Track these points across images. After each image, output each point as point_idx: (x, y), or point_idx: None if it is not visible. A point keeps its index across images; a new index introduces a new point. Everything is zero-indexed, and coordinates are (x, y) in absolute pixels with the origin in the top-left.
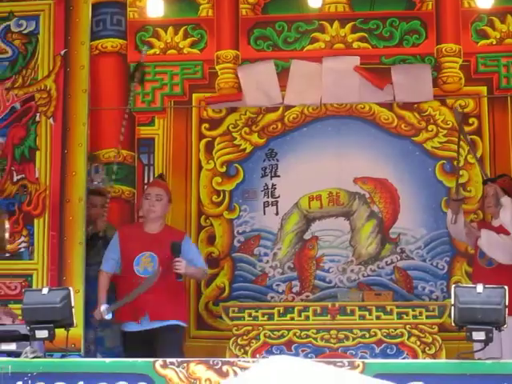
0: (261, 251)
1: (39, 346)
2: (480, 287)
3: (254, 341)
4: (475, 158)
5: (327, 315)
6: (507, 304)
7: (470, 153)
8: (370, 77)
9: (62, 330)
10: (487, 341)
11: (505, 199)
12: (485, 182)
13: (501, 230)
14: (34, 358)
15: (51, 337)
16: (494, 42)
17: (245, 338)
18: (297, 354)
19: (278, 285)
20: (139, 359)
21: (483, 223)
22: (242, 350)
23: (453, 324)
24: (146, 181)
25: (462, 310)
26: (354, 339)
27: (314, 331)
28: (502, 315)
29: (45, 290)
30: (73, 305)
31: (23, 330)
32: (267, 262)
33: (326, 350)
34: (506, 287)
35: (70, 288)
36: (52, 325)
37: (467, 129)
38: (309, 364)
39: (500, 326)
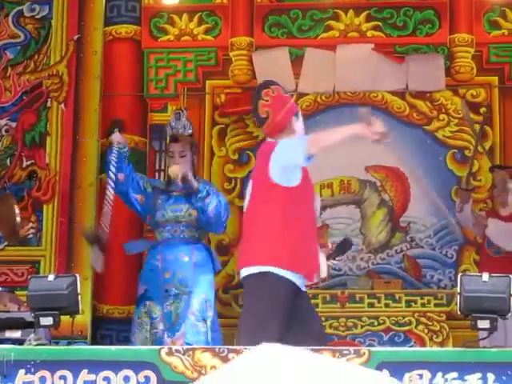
0: None
1: (45, 334)
2: (486, 276)
3: None
4: (481, 147)
5: (336, 303)
6: None
7: (478, 142)
8: (387, 54)
9: (68, 317)
10: (492, 329)
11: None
12: (491, 170)
13: (509, 219)
14: (37, 345)
15: (56, 324)
16: (506, 33)
17: None
18: None
19: None
20: (144, 347)
21: (492, 212)
22: None
23: (459, 312)
24: (157, 167)
25: (468, 299)
26: (362, 327)
27: (323, 319)
28: (507, 304)
29: (51, 277)
30: (79, 292)
31: (29, 317)
32: None
33: (335, 338)
34: None
35: (77, 275)
36: (57, 312)
37: (477, 118)
38: (297, 353)
39: (505, 314)
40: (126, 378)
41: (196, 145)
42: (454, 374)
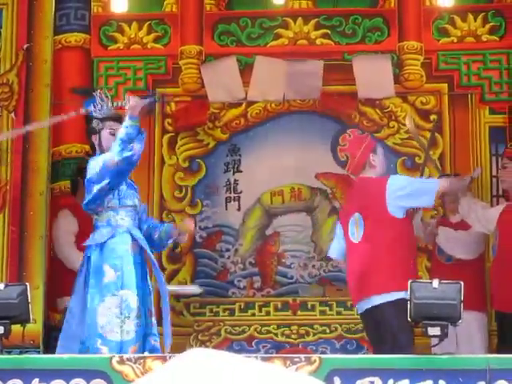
0: (222, 247)
1: None
2: (436, 282)
3: (214, 336)
4: (427, 156)
5: (288, 310)
6: (463, 299)
7: (428, 149)
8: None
9: (19, 326)
10: (442, 336)
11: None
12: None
13: (459, 225)
14: None
15: (7, 333)
16: (455, 40)
17: (206, 333)
18: (258, 350)
19: (239, 280)
20: (96, 355)
21: (442, 220)
22: (203, 346)
23: (409, 319)
24: None
25: (418, 306)
26: (314, 334)
27: (275, 327)
28: (458, 310)
29: (1, 286)
30: (29, 301)
31: None
32: (229, 257)
33: (287, 346)
34: (462, 283)
35: (27, 284)
36: (8, 321)
37: (427, 126)
38: (228, 358)
39: (455, 321)
40: None
41: None
42: (406, 381)
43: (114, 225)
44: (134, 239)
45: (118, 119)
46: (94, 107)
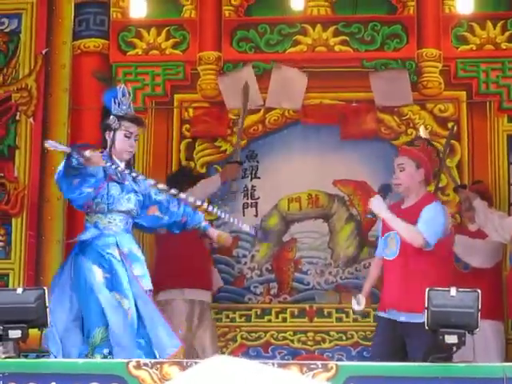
0: (239, 253)
1: (13, 347)
2: (453, 291)
3: (231, 342)
4: (443, 166)
5: (304, 317)
6: (480, 308)
7: (445, 157)
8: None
9: (37, 330)
10: (459, 344)
11: (477, 202)
12: (456, 189)
13: (477, 234)
14: (5, 358)
15: (24, 337)
16: (474, 48)
17: (222, 339)
18: (274, 356)
19: (255, 287)
20: (112, 360)
21: (459, 228)
22: (219, 352)
23: (426, 327)
24: None
25: (436, 314)
26: (330, 341)
27: (291, 333)
28: (475, 319)
29: (19, 290)
30: (47, 305)
31: None
32: (245, 263)
33: (303, 352)
34: (479, 291)
35: (45, 288)
36: (25, 325)
37: (445, 133)
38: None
39: (472, 329)
40: None
41: None
42: None
43: (101, 227)
44: (118, 247)
45: (136, 121)
46: (114, 102)
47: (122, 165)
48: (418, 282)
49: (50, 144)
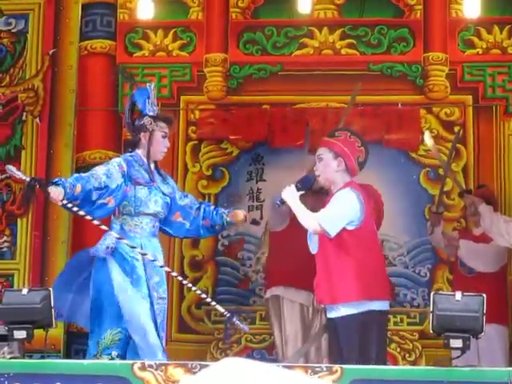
0: (244, 255)
1: (18, 347)
2: (459, 295)
3: (235, 345)
4: (447, 170)
5: None
6: (485, 312)
7: (450, 162)
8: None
9: (42, 330)
10: (464, 348)
11: (482, 207)
12: (461, 194)
13: (481, 238)
14: (11, 358)
15: (30, 337)
16: (481, 52)
17: (226, 342)
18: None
19: (260, 289)
20: (117, 361)
21: (464, 232)
22: (223, 354)
23: (431, 331)
24: None
25: (441, 318)
26: None
27: None
28: (480, 323)
29: (24, 291)
30: (52, 305)
31: (2, 330)
32: (250, 266)
33: None
34: (485, 295)
35: (50, 289)
36: (31, 325)
37: (451, 137)
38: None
39: (477, 333)
40: None
41: None
42: None
43: (127, 230)
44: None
45: (168, 121)
46: (148, 102)
47: (152, 166)
48: (339, 274)
49: (8, 168)
